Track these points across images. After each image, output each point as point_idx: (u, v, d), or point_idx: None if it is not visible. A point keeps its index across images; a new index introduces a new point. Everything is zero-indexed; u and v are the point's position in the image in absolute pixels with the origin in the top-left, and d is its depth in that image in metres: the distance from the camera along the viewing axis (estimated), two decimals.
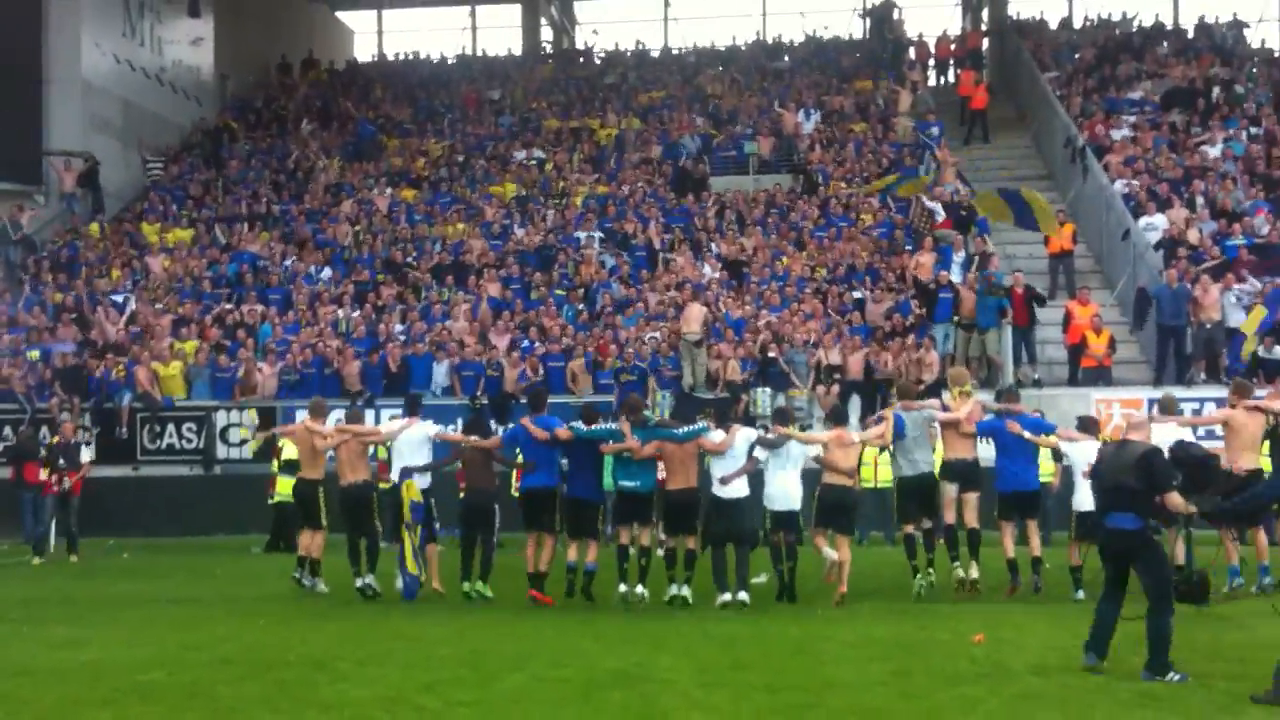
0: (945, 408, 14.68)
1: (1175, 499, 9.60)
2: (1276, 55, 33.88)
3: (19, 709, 8.89)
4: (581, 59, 40.45)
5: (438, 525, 14.84)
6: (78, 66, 31.05)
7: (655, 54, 40.13)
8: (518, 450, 14.62)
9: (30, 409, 23.34)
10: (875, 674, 9.65)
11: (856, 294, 24.17)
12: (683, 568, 13.88)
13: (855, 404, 21.58)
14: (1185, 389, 21.25)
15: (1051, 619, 12.21)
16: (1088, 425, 14.36)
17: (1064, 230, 24.66)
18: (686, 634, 11.67)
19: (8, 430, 23.35)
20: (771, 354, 22.29)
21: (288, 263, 27.42)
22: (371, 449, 15.69)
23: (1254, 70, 31.53)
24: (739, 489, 13.76)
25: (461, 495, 15.03)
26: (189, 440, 23.18)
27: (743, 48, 39.50)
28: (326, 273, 27.09)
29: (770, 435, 14.22)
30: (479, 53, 42.76)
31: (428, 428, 14.97)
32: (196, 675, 10.04)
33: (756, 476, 14.06)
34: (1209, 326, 21.78)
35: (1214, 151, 27.28)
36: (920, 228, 25.59)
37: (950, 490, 14.23)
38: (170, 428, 23.24)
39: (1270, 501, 9.75)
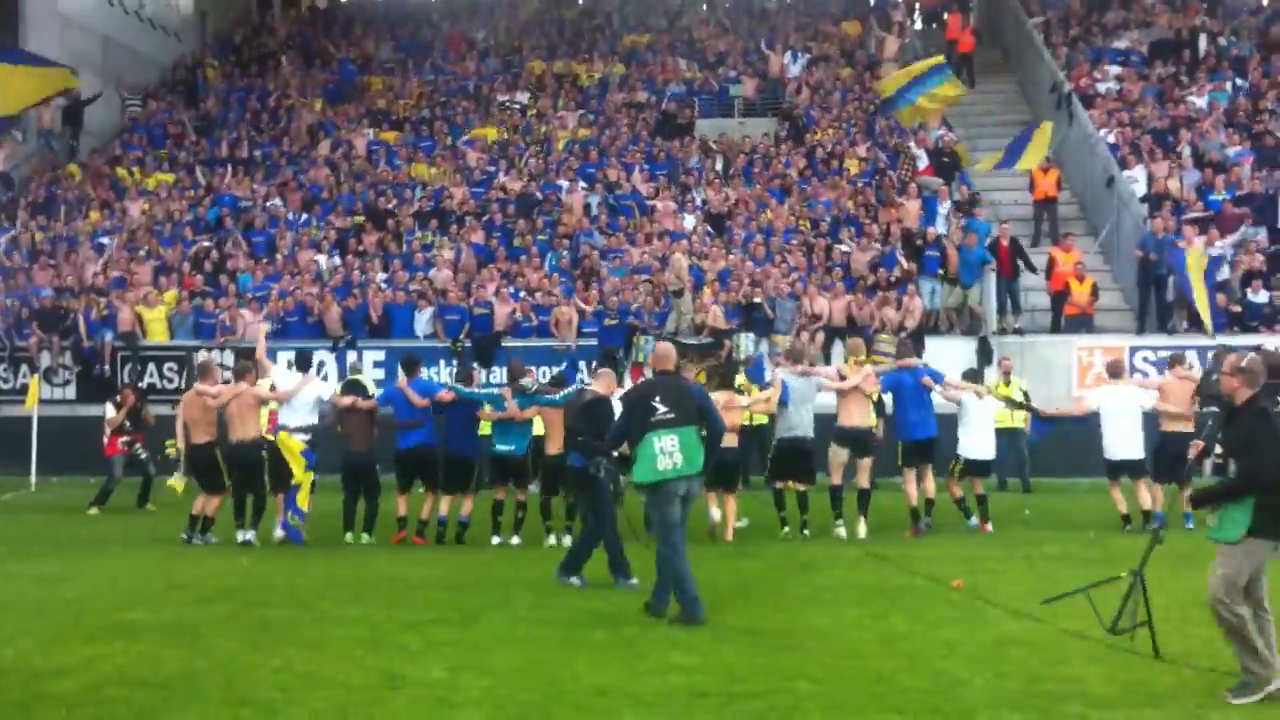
0: (842, 376, 14.98)
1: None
2: (1263, 4, 33.73)
3: (1, 645, 8.90)
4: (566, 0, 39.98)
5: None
6: (55, 2, 30.61)
7: None
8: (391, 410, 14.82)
9: (10, 346, 23.27)
10: (854, 618, 9.73)
11: (843, 247, 24.05)
12: (562, 518, 14.34)
13: (839, 350, 21.66)
14: (1167, 337, 21.41)
15: (1027, 565, 12.33)
16: (973, 375, 15.77)
17: (1048, 176, 24.66)
18: None
19: None
20: (756, 299, 22.22)
21: (269, 203, 27.18)
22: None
23: (1239, 21, 31.40)
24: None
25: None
26: (170, 380, 23.07)
27: None
28: (306, 216, 26.87)
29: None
30: None
31: (321, 387, 15.09)
32: (179, 613, 10.08)
33: None
34: None
35: (1200, 103, 27.23)
36: (904, 177, 25.51)
37: (841, 455, 14.72)
38: (151, 367, 23.15)
39: (618, 441, 10.53)
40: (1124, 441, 14.92)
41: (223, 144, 30.04)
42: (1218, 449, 9.04)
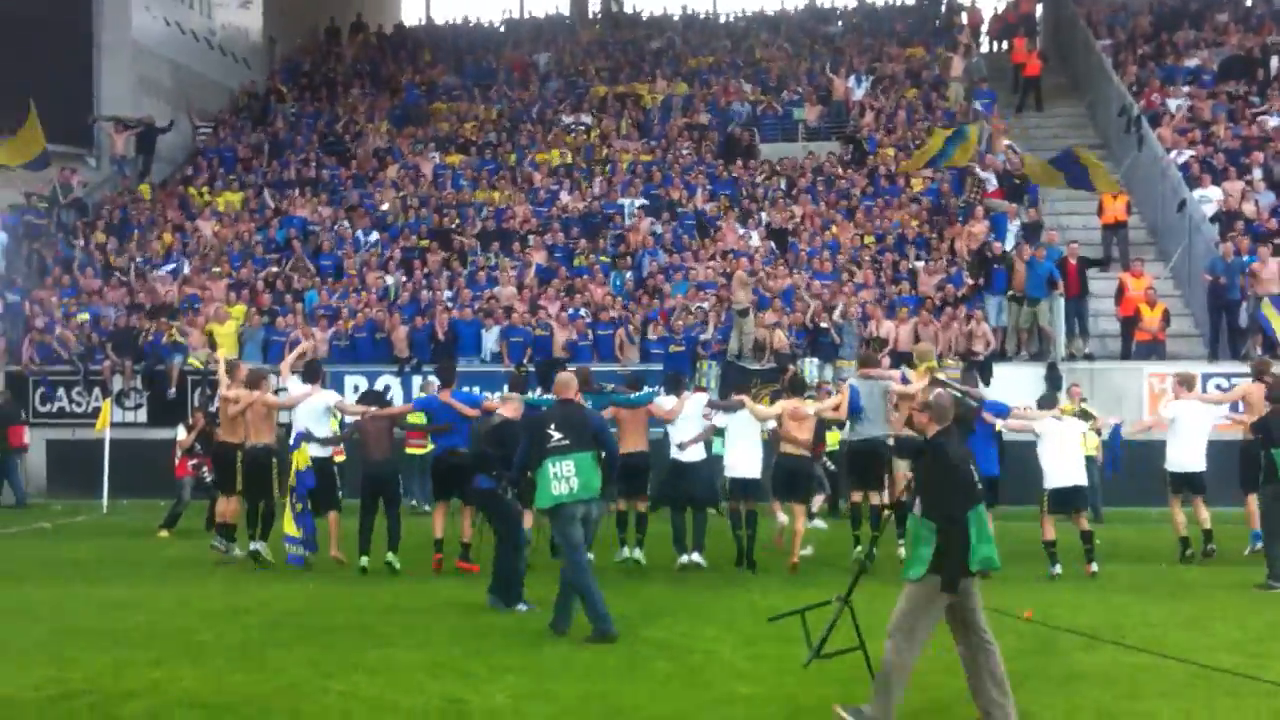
0: (906, 381, 14.52)
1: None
2: None
3: (70, 669, 9.01)
4: (629, 23, 40.21)
5: (341, 492, 14.77)
6: (128, 29, 31.27)
7: (703, 18, 39.87)
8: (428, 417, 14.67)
9: (83, 370, 23.64)
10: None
11: (910, 264, 23.89)
12: (634, 530, 14.23)
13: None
14: (1240, 363, 20.97)
15: (1101, 596, 12.11)
16: (1047, 402, 14.91)
17: (1118, 201, 24.33)
18: (731, 605, 11.67)
19: (61, 392, 23.69)
20: (824, 324, 22.04)
21: (337, 225, 27.48)
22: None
23: None
24: (696, 453, 14.16)
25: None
26: None
27: (793, 12, 39.07)
28: (374, 236, 27.13)
29: (726, 400, 14.81)
30: (526, 15, 42.64)
31: (328, 397, 14.99)
32: (245, 637, 10.16)
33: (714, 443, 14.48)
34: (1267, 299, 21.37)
35: (1273, 122, 26.78)
36: (972, 199, 25.30)
37: (902, 466, 14.08)
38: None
39: (521, 469, 10.79)
40: (1187, 453, 14.66)
41: (291, 167, 30.44)
42: None
